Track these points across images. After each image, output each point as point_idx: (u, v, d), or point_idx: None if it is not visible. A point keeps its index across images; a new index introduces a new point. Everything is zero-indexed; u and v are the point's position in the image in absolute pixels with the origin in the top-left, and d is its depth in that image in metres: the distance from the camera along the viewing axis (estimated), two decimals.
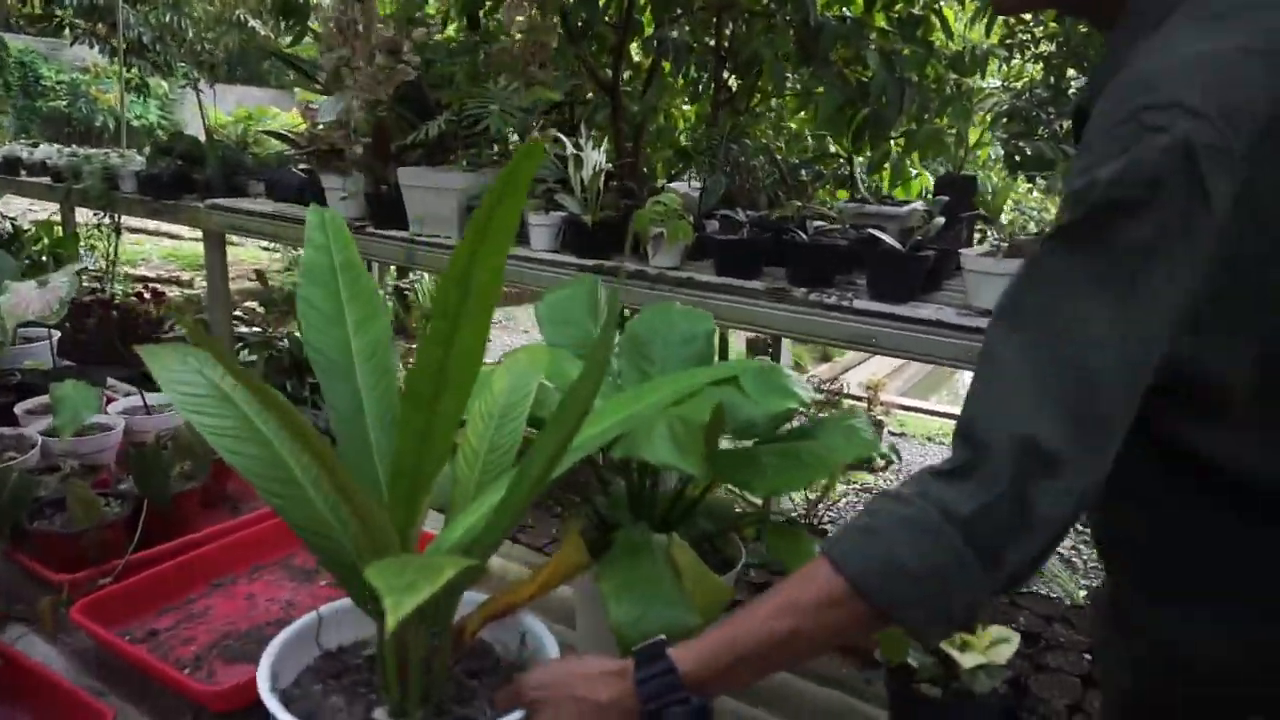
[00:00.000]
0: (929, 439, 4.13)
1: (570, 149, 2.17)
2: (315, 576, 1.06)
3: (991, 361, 0.63)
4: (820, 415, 1.06)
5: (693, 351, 0.95)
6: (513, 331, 6.46)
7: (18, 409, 1.36)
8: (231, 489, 1.26)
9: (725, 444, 0.88)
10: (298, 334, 3.34)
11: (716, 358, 0.97)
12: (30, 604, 0.95)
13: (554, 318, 0.98)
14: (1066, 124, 2.22)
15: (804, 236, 1.99)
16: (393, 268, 5.29)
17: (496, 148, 2.46)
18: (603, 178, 2.21)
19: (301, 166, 2.96)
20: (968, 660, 0.72)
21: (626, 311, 2.07)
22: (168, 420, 1.35)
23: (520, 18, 2.44)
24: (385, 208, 2.48)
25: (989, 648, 0.74)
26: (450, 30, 2.97)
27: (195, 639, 0.93)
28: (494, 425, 0.77)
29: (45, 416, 1.29)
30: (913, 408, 4.68)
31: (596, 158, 2.19)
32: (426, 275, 5.57)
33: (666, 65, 2.79)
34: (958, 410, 0.64)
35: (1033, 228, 1.79)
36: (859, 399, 4.16)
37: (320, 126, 2.65)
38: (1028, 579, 0.70)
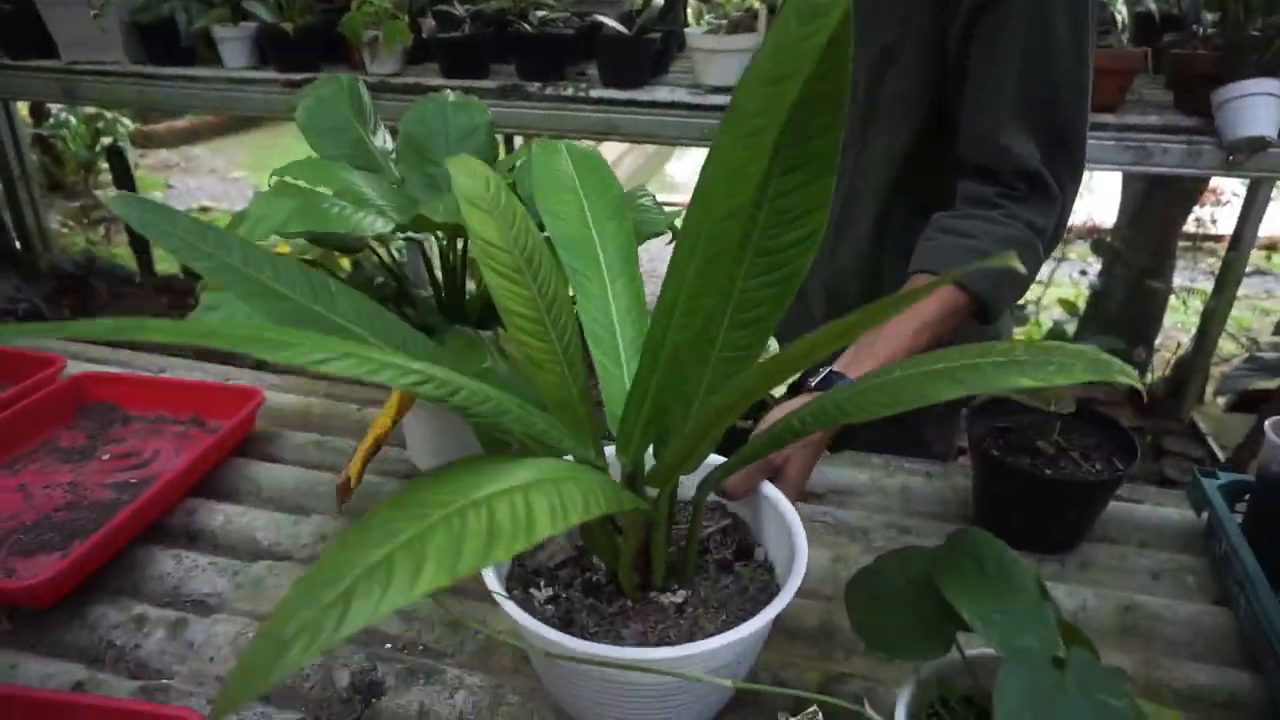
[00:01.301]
0: None
1: None
2: (92, 454, 0.96)
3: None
4: None
5: (475, 145, 0.92)
6: (197, 173, 5.72)
7: None
8: None
9: None
10: None
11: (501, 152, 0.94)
12: None
13: (316, 126, 0.90)
14: None
15: (529, 28, 1.93)
16: (23, 107, 4.43)
17: None
18: None
19: None
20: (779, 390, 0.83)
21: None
22: None
23: None
24: (20, 30, 2.04)
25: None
26: None
27: None
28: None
29: None
30: None
31: None
32: (74, 118, 4.72)
33: None
34: (678, 198, 0.73)
35: (751, 1, 1.85)
36: None
37: None
38: None
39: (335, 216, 0.75)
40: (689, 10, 2.24)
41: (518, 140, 2.72)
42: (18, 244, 2.92)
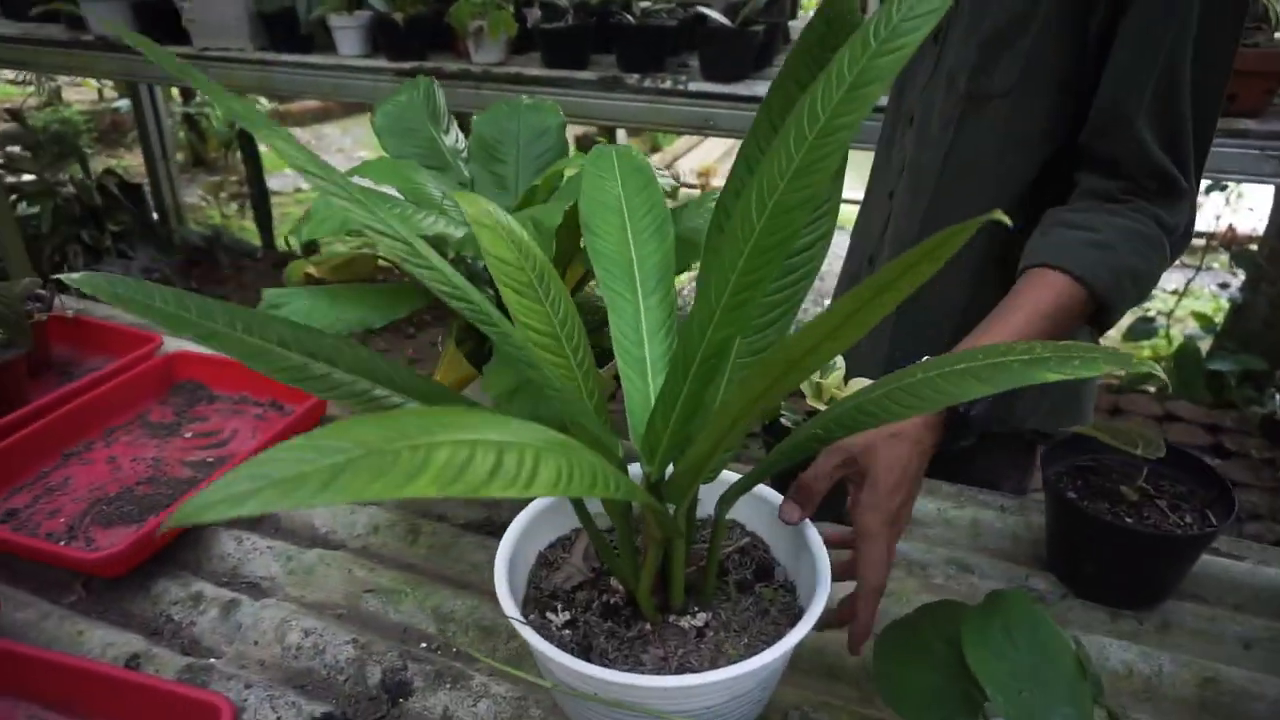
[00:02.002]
0: None
1: None
2: (177, 430, 1.02)
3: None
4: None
5: (545, 147, 0.91)
6: (326, 151, 5.98)
7: None
8: (58, 354, 1.16)
9: None
10: (85, 176, 2.97)
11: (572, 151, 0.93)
12: None
13: (392, 128, 0.91)
14: None
15: (631, 19, 1.91)
16: (175, 91, 4.73)
17: None
18: None
19: None
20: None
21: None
22: None
23: None
24: (158, 18, 2.17)
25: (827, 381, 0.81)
26: None
27: (61, 510, 0.88)
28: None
29: None
30: None
31: None
32: None
33: None
34: None
35: None
36: (692, 187, 4.18)
37: None
38: None
39: (394, 217, 0.76)
40: (797, 1, 2.18)
41: (620, 134, 2.72)
42: (156, 217, 3.13)
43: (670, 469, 0.56)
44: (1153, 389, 2.90)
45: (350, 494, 0.32)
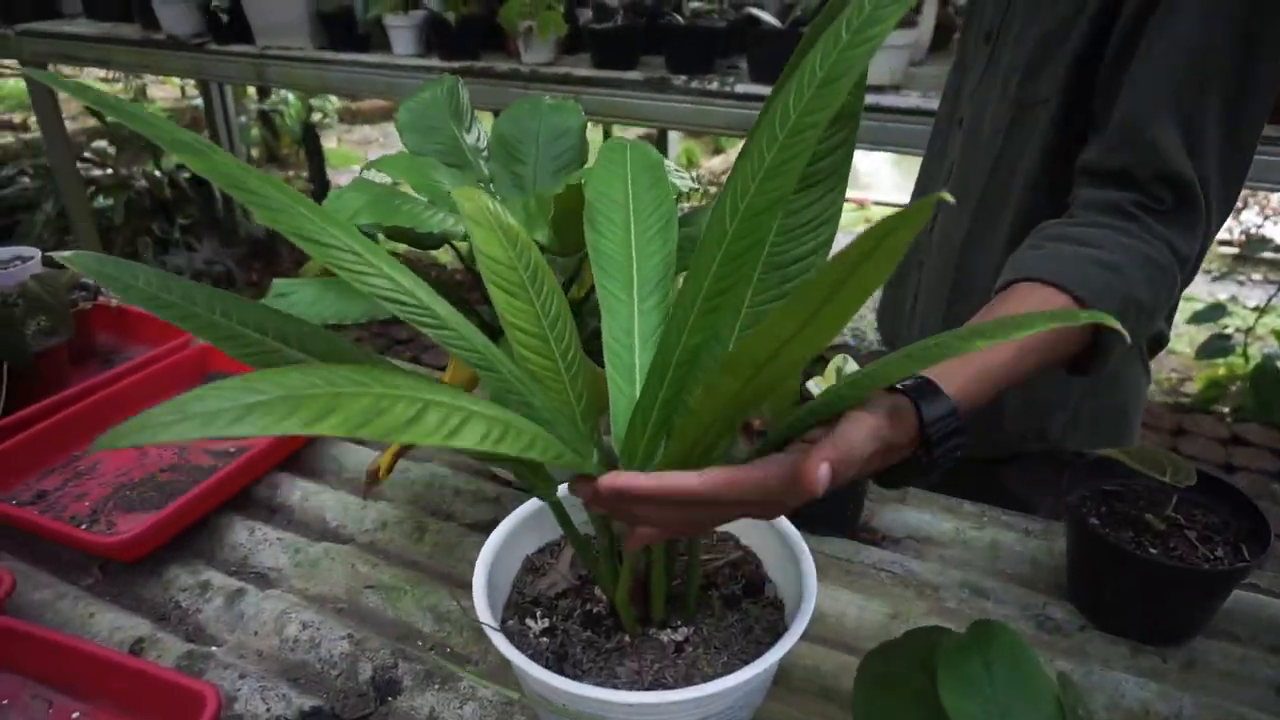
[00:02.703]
0: None
1: None
2: None
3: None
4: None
5: (565, 148, 0.91)
6: (393, 147, 6.10)
7: None
8: (101, 342, 1.20)
9: None
10: (156, 170, 3.09)
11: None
12: None
13: (415, 125, 0.92)
14: None
15: (681, 20, 1.90)
16: (251, 89, 4.88)
17: None
18: None
19: None
20: (815, 388, 0.77)
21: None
22: (10, 277, 1.25)
23: None
24: (227, 19, 2.24)
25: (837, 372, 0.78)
26: None
27: (88, 494, 0.91)
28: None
29: None
30: None
31: None
32: (292, 95, 5.15)
33: None
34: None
35: None
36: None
37: None
38: None
39: (405, 212, 0.76)
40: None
41: (672, 135, 2.70)
42: (222, 211, 3.23)
43: None
44: (1226, 409, 2.77)
45: (258, 428, 0.34)
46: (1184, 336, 3.16)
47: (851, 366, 0.83)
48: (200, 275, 2.85)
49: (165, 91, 6.00)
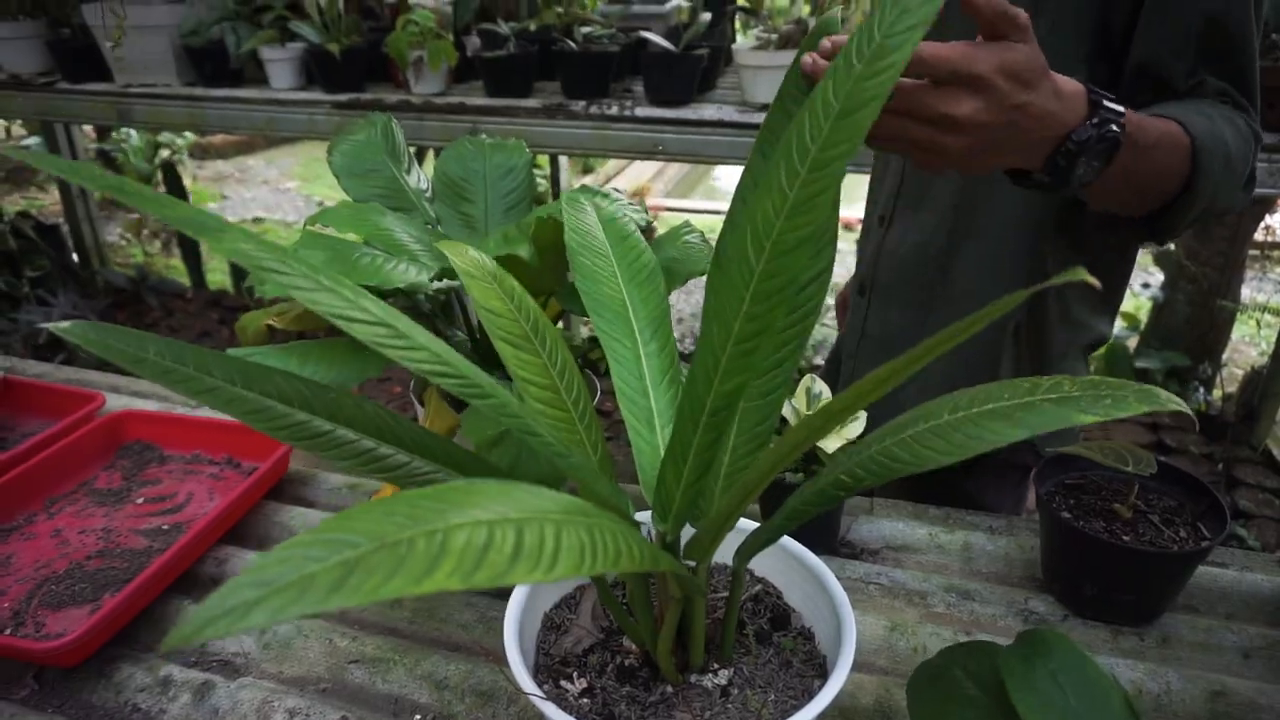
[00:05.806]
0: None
1: None
2: (127, 496, 0.95)
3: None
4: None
5: (514, 185, 0.89)
6: (251, 184, 5.82)
7: None
8: None
9: None
10: (22, 212, 2.82)
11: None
12: None
13: (352, 169, 0.88)
14: None
15: (573, 45, 1.90)
16: (87, 128, 4.55)
17: None
18: None
19: None
20: (830, 444, 0.78)
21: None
22: None
23: None
24: (76, 55, 2.07)
25: (843, 430, 0.80)
26: None
27: (6, 591, 0.81)
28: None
29: None
30: (677, 208, 4.81)
31: None
32: (135, 133, 4.83)
33: None
34: (720, 206, 0.68)
35: (800, 9, 1.80)
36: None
37: None
38: None
39: (366, 268, 0.72)
40: (736, 24, 2.19)
41: (563, 160, 2.70)
42: (75, 258, 2.98)
43: (687, 526, 0.54)
44: None
45: (365, 594, 0.29)
46: None
47: (820, 386, 0.85)
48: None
49: None
